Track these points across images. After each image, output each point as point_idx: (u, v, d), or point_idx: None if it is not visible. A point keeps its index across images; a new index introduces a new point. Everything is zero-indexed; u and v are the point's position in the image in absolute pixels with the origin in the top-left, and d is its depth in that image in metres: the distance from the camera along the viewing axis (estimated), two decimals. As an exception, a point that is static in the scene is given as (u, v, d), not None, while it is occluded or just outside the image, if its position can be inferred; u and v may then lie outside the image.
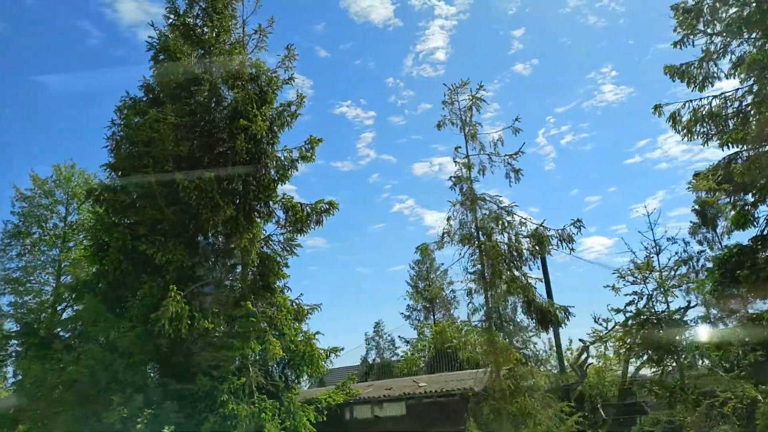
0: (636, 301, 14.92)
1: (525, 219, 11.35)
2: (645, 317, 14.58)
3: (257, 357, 13.88)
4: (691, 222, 32.26)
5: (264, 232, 16.13)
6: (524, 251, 11.03)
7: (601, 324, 16.17)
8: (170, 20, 17.42)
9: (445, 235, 11.48)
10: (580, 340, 18.96)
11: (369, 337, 50.20)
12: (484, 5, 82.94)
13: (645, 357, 15.18)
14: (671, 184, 78.84)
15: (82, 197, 22.77)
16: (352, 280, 78.46)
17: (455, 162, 11.77)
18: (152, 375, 13.17)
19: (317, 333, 14.93)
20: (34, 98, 63.42)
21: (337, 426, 14.87)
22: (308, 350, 14.44)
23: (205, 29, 17.43)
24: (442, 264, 58.31)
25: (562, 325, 11.94)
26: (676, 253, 16.13)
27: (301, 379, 15.12)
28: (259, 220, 15.80)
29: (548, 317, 11.65)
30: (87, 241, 17.16)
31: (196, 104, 16.67)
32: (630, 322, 14.80)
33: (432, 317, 55.30)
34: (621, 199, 76.85)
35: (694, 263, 17.13)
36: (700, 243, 39.22)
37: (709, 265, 17.54)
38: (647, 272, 14.82)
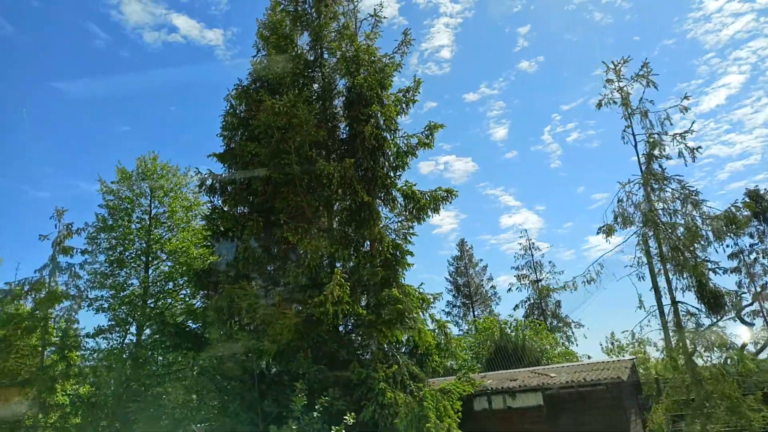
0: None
1: (703, 200, 10.96)
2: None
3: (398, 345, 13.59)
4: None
5: (382, 220, 15.88)
6: (708, 233, 10.65)
7: None
8: (282, 6, 17.25)
9: (618, 217, 11.13)
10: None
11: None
12: (489, 3, 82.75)
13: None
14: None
15: (167, 189, 22.62)
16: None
17: (624, 141, 11.40)
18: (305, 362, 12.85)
19: (447, 322, 14.60)
20: (44, 101, 63.62)
21: (469, 417, 14.52)
22: (443, 339, 14.13)
23: (314, 14, 17.22)
24: (481, 260, 57.95)
25: (734, 310, 11.56)
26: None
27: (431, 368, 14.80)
28: (381, 208, 15.55)
29: (722, 302, 11.28)
30: (204, 231, 16.87)
31: (312, 91, 16.48)
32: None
33: (471, 314, 54.95)
34: None
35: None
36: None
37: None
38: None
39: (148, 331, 20.26)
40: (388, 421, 11.64)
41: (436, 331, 14.44)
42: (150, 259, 21.45)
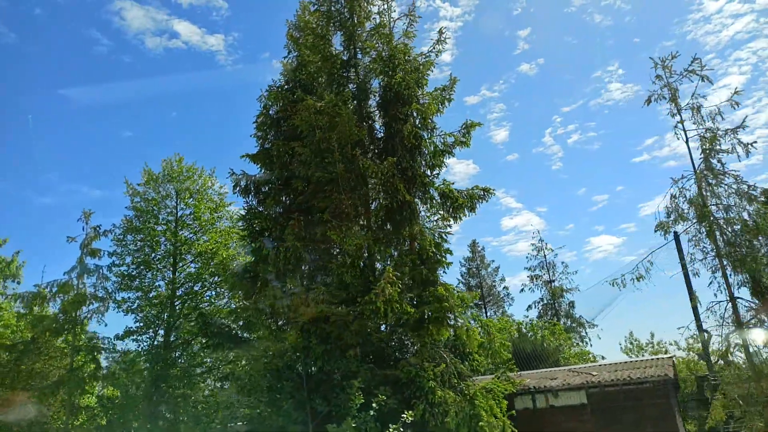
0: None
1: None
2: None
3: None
4: None
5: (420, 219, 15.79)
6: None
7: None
8: (315, 6, 17.24)
9: (672, 212, 11.06)
10: None
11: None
12: (489, 6, 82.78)
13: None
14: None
15: (192, 190, 22.61)
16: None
17: (677, 137, 11.35)
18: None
19: (490, 320, 14.51)
20: (49, 108, 63.82)
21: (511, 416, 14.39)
22: (487, 338, 14.04)
23: (346, 14, 17.19)
24: (493, 260, 57.83)
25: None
26: None
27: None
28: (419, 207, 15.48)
29: (776, 297, 11.18)
30: (241, 231, 16.83)
31: (348, 91, 16.44)
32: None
33: (485, 314, 54.77)
34: (629, 197, 76.33)
35: None
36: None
37: None
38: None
39: (174, 333, 20.27)
40: (438, 419, 11.56)
41: (480, 330, 14.34)
42: (176, 260, 21.42)
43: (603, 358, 36.08)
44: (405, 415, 9.94)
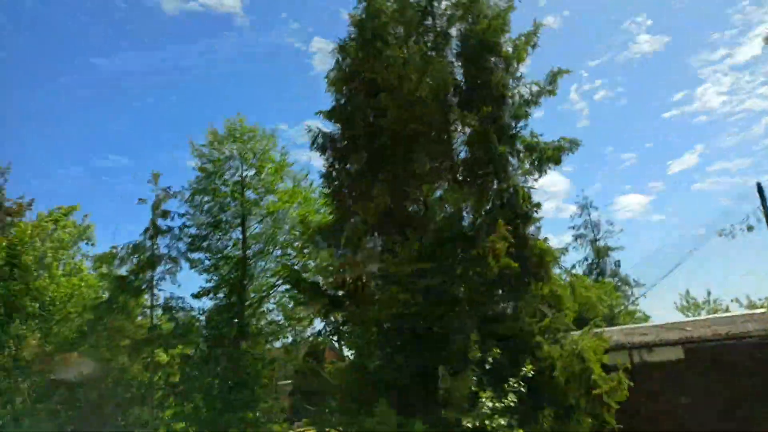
0: None
1: None
2: None
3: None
4: None
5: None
6: None
7: None
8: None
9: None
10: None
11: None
12: None
13: None
14: (709, 138, 74.76)
15: (257, 150, 22.50)
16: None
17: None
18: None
19: (585, 276, 14.16)
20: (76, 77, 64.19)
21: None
22: (582, 293, 13.72)
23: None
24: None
25: None
26: None
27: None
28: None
29: None
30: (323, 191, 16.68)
31: (426, 40, 15.77)
32: None
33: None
34: (658, 155, 73.39)
35: None
36: None
37: None
38: None
39: (246, 292, 20.57)
40: (545, 375, 11.40)
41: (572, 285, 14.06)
42: (244, 220, 21.57)
43: (649, 317, 35.61)
44: (525, 368, 9.82)
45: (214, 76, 75.31)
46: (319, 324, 20.43)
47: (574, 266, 46.87)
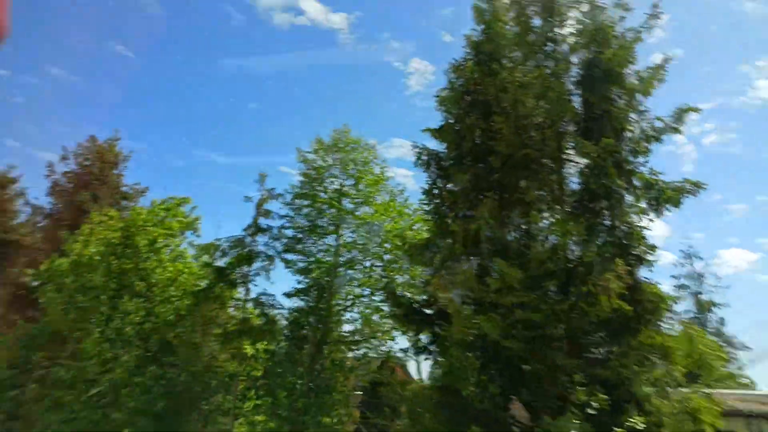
0: None
1: None
2: None
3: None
4: None
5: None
6: None
7: None
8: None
9: None
10: None
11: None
12: None
13: None
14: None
15: (358, 162, 23.07)
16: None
17: None
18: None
19: (704, 330, 13.05)
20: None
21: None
22: (697, 348, 12.65)
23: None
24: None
25: None
26: None
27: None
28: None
29: None
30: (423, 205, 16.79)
31: (547, 66, 15.44)
32: None
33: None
34: None
35: None
36: None
37: None
38: None
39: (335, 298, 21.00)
40: (652, 430, 10.56)
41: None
42: (339, 228, 22.11)
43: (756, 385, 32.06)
44: (635, 419, 9.13)
45: (319, 87, 78.77)
46: (400, 340, 20.46)
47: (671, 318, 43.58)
